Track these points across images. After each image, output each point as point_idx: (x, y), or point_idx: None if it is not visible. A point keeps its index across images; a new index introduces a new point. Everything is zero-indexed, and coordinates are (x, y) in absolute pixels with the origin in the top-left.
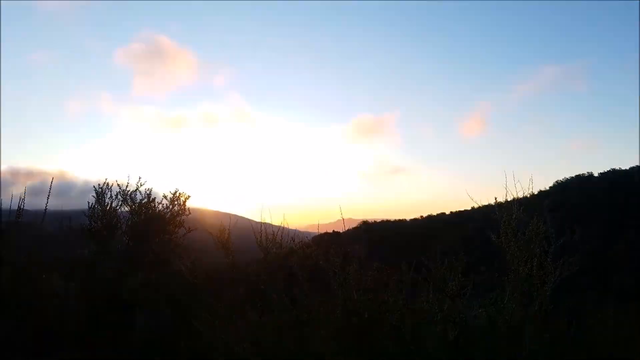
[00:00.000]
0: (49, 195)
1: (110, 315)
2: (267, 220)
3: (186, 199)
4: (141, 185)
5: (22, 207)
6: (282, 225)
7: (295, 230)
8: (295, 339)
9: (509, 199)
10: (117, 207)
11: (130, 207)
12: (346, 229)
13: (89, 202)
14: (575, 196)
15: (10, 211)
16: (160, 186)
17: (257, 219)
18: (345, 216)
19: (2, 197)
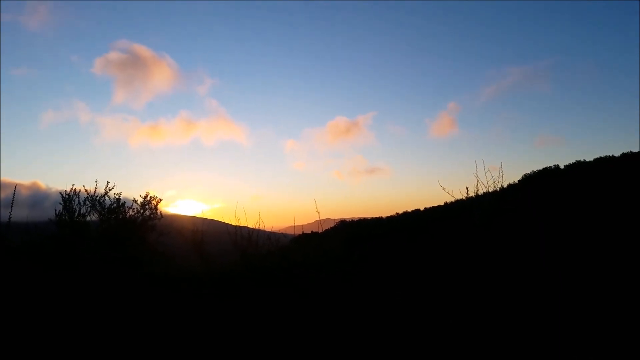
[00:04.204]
0: (12, 204)
1: None
2: (244, 222)
3: (157, 202)
4: (109, 190)
5: None
6: (258, 226)
7: (271, 232)
8: None
9: (479, 193)
10: (86, 214)
11: (99, 212)
12: (324, 228)
13: (55, 210)
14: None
15: None
16: (137, 194)
17: (234, 223)
18: (324, 216)
19: None
